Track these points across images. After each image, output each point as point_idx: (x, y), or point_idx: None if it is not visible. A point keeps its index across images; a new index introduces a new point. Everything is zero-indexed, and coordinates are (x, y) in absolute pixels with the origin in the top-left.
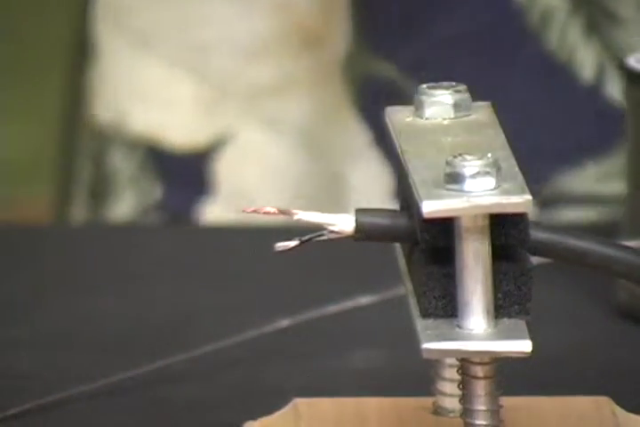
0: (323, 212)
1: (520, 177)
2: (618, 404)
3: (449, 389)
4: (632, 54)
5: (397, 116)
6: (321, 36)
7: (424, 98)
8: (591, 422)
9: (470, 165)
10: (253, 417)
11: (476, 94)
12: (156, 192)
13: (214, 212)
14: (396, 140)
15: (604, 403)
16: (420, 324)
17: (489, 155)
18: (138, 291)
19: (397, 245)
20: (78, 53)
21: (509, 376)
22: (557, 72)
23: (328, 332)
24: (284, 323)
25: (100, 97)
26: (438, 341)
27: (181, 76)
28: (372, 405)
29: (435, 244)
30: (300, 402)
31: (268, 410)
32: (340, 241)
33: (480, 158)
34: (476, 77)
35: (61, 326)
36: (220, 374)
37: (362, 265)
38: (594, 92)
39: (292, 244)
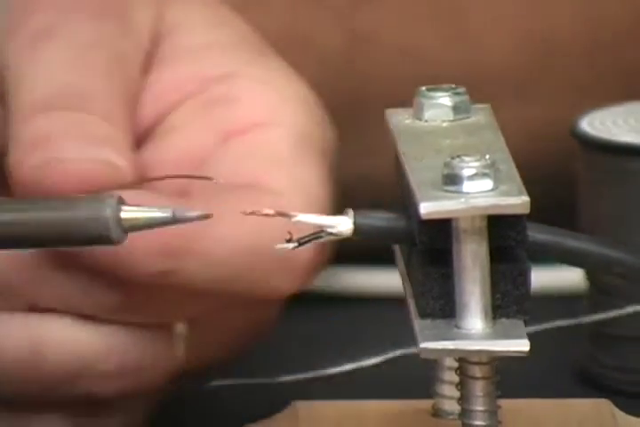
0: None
1: (518, 178)
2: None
3: (448, 391)
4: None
5: (397, 119)
6: None
7: (423, 100)
8: (591, 425)
9: (468, 167)
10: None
11: None
12: None
13: None
14: (395, 142)
15: (604, 405)
16: (418, 324)
17: (487, 156)
18: None
19: (396, 247)
20: None
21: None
22: None
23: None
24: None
25: None
26: (436, 340)
27: None
28: (372, 407)
29: (432, 245)
30: (300, 405)
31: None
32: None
33: (478, 160)
34: None
35: None
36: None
37: None
38: None
39: (291, 246)
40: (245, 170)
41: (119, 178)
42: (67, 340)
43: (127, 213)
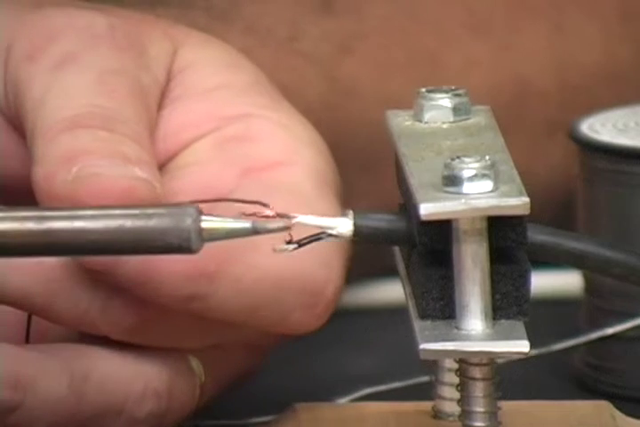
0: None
1: (518, 179)
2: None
3: (448, 393)
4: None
5: (397, 120)
6: None
7: (423, 102)
8: None
9: (468, 168)
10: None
11: None
12: None
13: None
14: (395, 144)
15: (604, 407)
16: (418, 325)
17: (487, 157)
18: None
19: (396, 248)
20: None
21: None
22: None
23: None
24: None
25: None
26: (436, 341)
27: None
28: (372, 409)
29: (433, 246)
30: (300, 407)
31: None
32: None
33: (478, 161)
34: None
35: None
36: None
37: None
38: None
39: (291, 247)
40: (269, 203)
41: (155, 198)
42: (111, 374)
43: (207, 223)
